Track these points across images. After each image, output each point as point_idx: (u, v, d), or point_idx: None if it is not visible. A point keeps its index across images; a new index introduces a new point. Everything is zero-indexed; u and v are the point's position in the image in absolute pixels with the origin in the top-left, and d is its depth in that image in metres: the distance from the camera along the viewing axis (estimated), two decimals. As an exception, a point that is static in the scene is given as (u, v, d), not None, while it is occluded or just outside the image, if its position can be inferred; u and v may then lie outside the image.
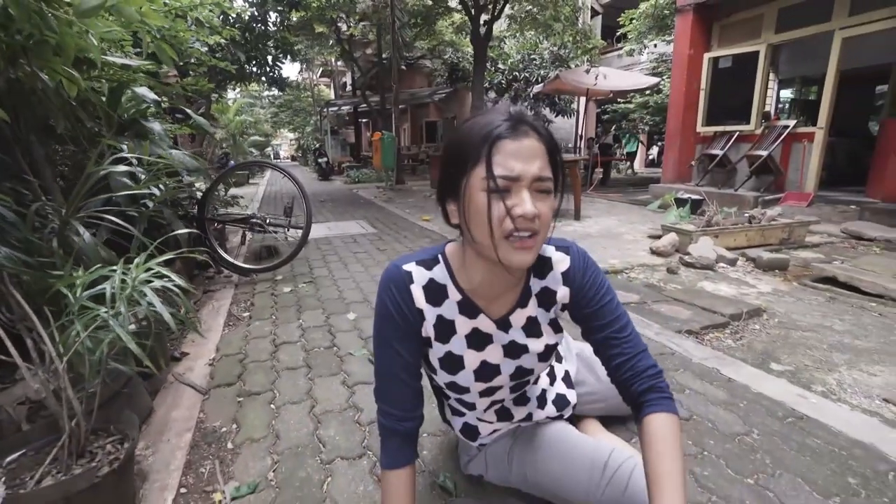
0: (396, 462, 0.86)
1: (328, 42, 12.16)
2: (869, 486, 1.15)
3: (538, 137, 0.72)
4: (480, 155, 0.71)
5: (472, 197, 0.72)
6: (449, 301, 0.86)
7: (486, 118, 0.74)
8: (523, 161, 0.70)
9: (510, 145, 0.70)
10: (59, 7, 1.19)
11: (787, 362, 1.96)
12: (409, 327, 0.86)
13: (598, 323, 0.86)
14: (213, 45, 4.39)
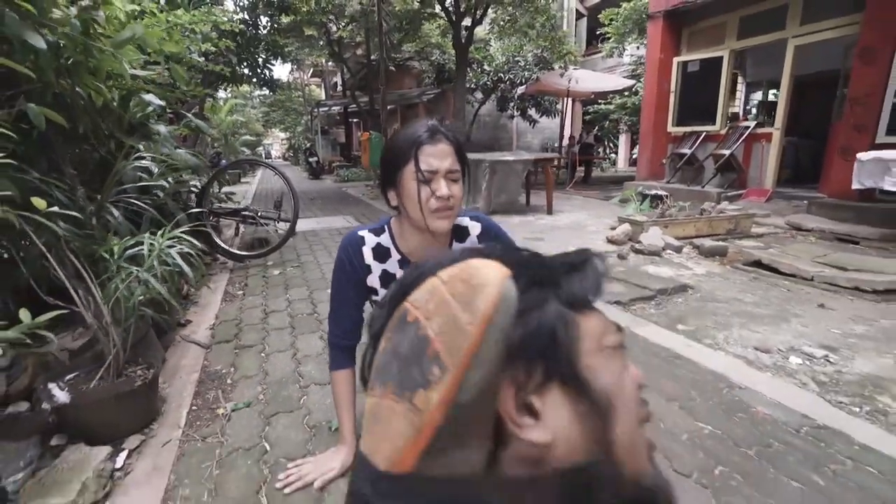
0: (340, 366, 1.25)
1: (318, 44, 12.49)
2: (703, 396, 1.56)
3: (448, 142, 1.10)
4: (410, 156, 1.08)
5: (406, 186, 1.10)
6: (391, 260, 1.23)
7: (412, 129, 1.12)
8: (439, 159, 1.08)
9: (429, 149, 1.07)
10: (97, 39, 1.56)
11: (692, 324, 2.36)
12: (358, 277, 1.23)
13: None
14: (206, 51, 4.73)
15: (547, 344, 0.33)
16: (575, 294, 0.35)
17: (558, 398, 0.33)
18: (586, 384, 0.33)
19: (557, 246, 4.05)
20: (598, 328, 0.36)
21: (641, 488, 0.35)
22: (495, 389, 0.30)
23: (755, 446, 1.30)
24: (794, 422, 1.43)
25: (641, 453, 0.36)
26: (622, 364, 0.36)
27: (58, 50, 1.52)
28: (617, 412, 0.34)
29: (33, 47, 1.34)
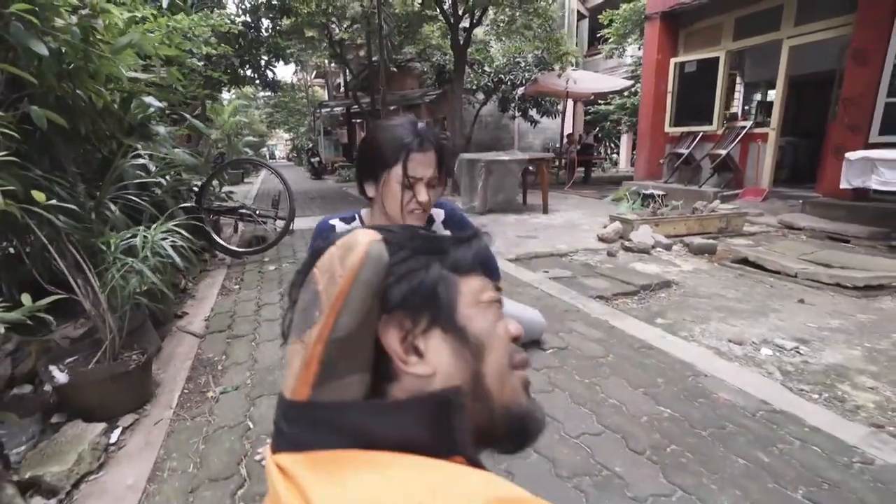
0: None
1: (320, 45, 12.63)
2: (668, 383, 1.64)
3: (434, 149, 1.19)
4: (399, 160, 1.16)
5: (390, 186, 1.18)
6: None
7: (399, 131, 1.19)
8: (424, 168, 1.16)
9: (417, 156, 1.15)
10: (96, 45, 1.66)
11: (671, 318, 2.44)
12: None
13: None
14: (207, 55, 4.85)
15: (429, 297, 0.41)
16: (458, 261, 0.44)
17: (439, 341, 0.41)
18: (462, 330, 0.42)
19: (551, 243, 4.13)
20: (476, 288, 0.44)
21: (513, 414, 0.44)
22: (368, 329, 0.39)
23: (710, 428, 1.38)
24: (751, 406, 1.51)
25: (513, 388, 0.44)
26: (496, 316, 0.45)
27: (60, 56, 1.62)
28: (487, 352, 0.42)
29: (37, 54, 1.44)
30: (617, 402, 1.53)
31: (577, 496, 1.12)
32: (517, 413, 0.44)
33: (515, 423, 0.44)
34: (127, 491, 1.17)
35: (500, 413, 0.42)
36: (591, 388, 1.62)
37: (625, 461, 1.24)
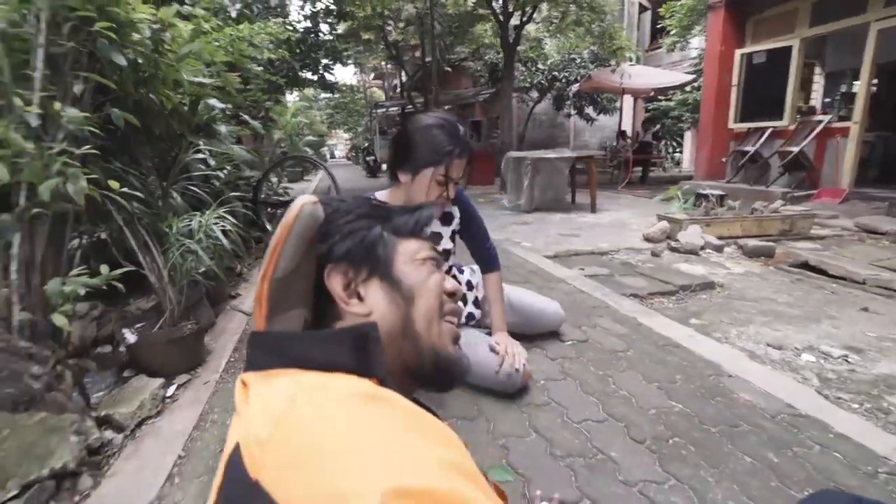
0: None
1: (377, 47, 13.07)
2: (687, 380, 1.61)
3: (468, 154, 1.33)
4: (441, 162, 1.31)
5: (427, 180, 1.33)
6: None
7: (444, 136, 1.33)
8: (458, 171, 1.32)
9: (458, 162, 1.31)
10: (165, 55, 1.91)
11: (707, 319, 2.35)
12: None
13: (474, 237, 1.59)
14: (270, 60, 5.23)
15: (369, 252, 0.51)
16: (399, 226, 0.53)
17: (377, 288, 0.50)
18: (397, 281, 0.51)
19: (591, 241, 4.07)
20: (413, 247, 0.53)
21: (439, 357, 0.52)
22: (303, 272, 0.48)
23: (720, 425, 1.36)
24: (773, 409, 1.46)
25: (441, 333, 0.52)
26: (429, 272, 0.53)
27: (136, 65, 1.87)
28: (417, 300, 0.51)
29: (118, 65, 1.69)
30: (627, 393, 1.53)
31: (567, 474, 1.16)
32: (444, 356, 0.52)
33: (441, 364, 0.52)
34: (176, 434, 1.38)
35: (427, 354, 0.51)
36: (603, 379, 1.63)
37: (623, 448, 1.26)
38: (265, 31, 3.50)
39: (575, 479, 1.14)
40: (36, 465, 1.13)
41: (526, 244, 4.01)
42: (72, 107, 1.52)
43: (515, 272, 3.06)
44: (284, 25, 7.93)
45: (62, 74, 1.56)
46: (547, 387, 1.58)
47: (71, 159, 1.42)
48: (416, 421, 0.37)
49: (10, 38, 1.48)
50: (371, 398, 0.36)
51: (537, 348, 1.87)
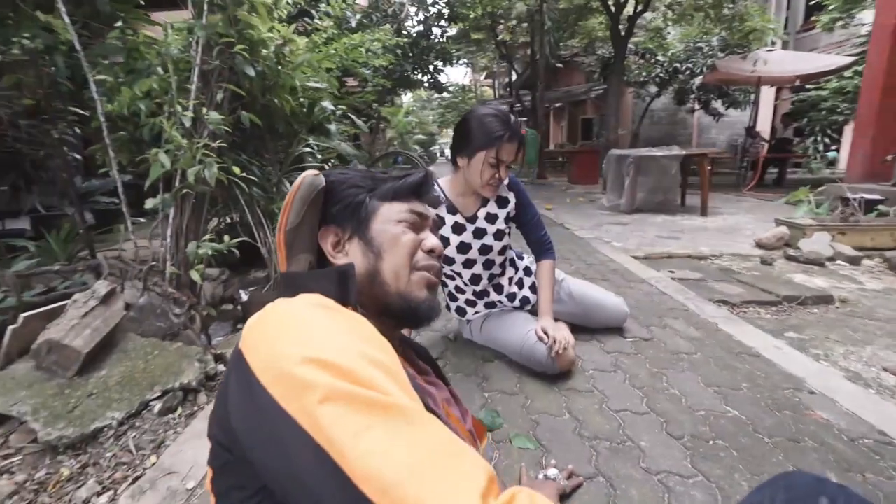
0: None
1: (487, 47, 13.27)
2: (753, 389, 1.49)
3: (517, 139, 1.46)
4: (493, 145, 1.46)
5: (480, 164, 1.48)
6: (441, 205, 1.61)
7: (496, 123, 1.47)
8: (509, 154, 1.47)
9: (507, 146, 1.45)
10: (285, 66, 2.30)
11: (809, 334, 2.09)
12: None
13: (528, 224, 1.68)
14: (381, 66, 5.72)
15: (352, 215, 0.66)
16: (382, 192, 0.67)
17: (356, 244, 0.65)
18: (370, 239, 0.65)
19: (690, 245, 3.77)
20: (394, 210, 0.67)
21: (406, 300, 0.65)
22: (307, 225, 0.65)
23: (778, 437, 1.26)
24: (856, 432, 1.30)
25: (410, 282, 0.65)
26: (401, 231, 0.66)
27: (263, 76, 2.29)
28: (385, 255, 0.64)
29: (248, 75, 2.09)
30: (678, 392, 1.48)
31: (588, 453, 1.19)
32: (411, 300, 0.65)
33: (409, 307, 0.65)
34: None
35: (394, 298, 0.64)
36: (656, 376, 1.59)
37: (655, 440, 1.24)
38: (374, 39, 3.89)
39: (595, 458, 1.17)
40: (172, 378, 1.51)
41: (616, 244, 3.86)
42: (214, 111, 1.94)
43: (595, 270, 3.00)
44: (399, 31, 8.54)
45: (209, 86, 2.00)
46: (594, 376, 1.60)
47: (209, 151, 1.82)
48: (356, 327, 0.50)
49: (177, 61, 1.94)
50: (323, 307, 0.51)
51: (595, 341, 1.87)
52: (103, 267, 1.78)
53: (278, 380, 0.42)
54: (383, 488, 0.35)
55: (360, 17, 7.67)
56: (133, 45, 2.08)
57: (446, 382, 0.80)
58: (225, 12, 2.02)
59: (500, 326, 1.71)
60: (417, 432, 0.40)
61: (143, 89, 1.90)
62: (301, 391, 0.40)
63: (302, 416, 0.39)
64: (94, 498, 1.15)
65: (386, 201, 0.67)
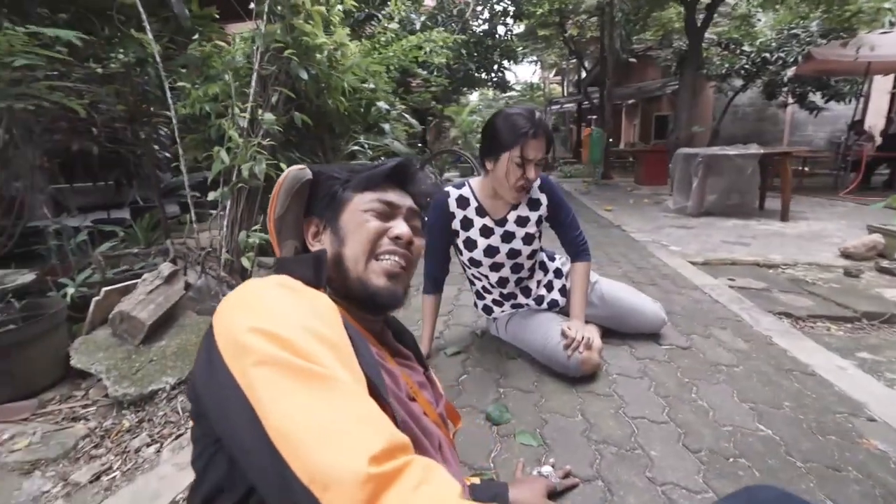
0: (427, 291, 1.72)
1: (555, 43, 12.96)
2: (797, 409, 1.36)
3: (544, 136, 1.44)
4: (517, 143, 1.45)
5: (506, 164, 1.48)
6: (470, 207, 1.62)
7: (519, 120, 1.47)
8: (536, 151, 1.44)
9: (533, 142, 1.43)
10: (336, 69, 2.44)
11: (886, 356, 1.85)
12: (446, 222, 1.64)
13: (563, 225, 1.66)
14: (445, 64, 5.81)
15: (326, 208, 0.72)
16: (353, 184, 0.72)
17: (329, 233, 0.71)
18: (338, 228, 0.70)
19: (760, 252, 3.45)
20: (362, 200, 0.71)
21: (365, 285, 0.69)
22: (292, 214, 0.71)
23: (815, 463, 1.14)
24: (916, 466, 1.15)
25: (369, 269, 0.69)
26: (365, 220, 0.70)
27: (317, 79, 2.45)
28: (347, 242, 0.69)
29: (302, 79, 2.26)
30: (706, 404, 1.39)
31: (592, 456, 1.17)
32: (368, 286, 0.69)
33: (365, 292, 0.69)
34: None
35: (355, 282, 0.69)
36: (685, 386, 1.50)
37: (668, 450, 1.18)
38: (430, 39, 3.98)
39: (598, 462, 1.14)
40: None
41: (674, 248, 3.63)
42: (269, 112, 2.12)
43: (644, 274, 2.86)
44: (464, 30, 8.61)
45: (266, 89, 2.18)
46: (617, 381, 1.54)
47: (261, 149, 2.00)
48: (312, 306, 0.55)
49: (239, 68, 2.14)
50: (284, 286, 0.57)
51: (627, 346, 1.80)
52: (170, 251, 2.02)
53: (228, 344, 0.48)
54: (293, 447, 0.40)
55: (425, 18, 7.85)
56: (206, 55, 2.32)
57: (425, 367, 0.83)
58: (283, 21, 2.20)
59: (525, 325, 1.70)
60: (335, 401, 0.44)
61: (210, 93, 2.12)
62: (242, 354, 0.46)
63: (241, 376, 0.46)
64: (144, 448, 1.32)
65: (358, 192, 0.72)
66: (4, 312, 1.57)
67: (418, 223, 0.78)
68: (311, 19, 2.32)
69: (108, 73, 2.21)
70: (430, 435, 0.69)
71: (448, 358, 1.76)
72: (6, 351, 1.48)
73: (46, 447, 1.30)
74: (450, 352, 1.80)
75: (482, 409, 1.39)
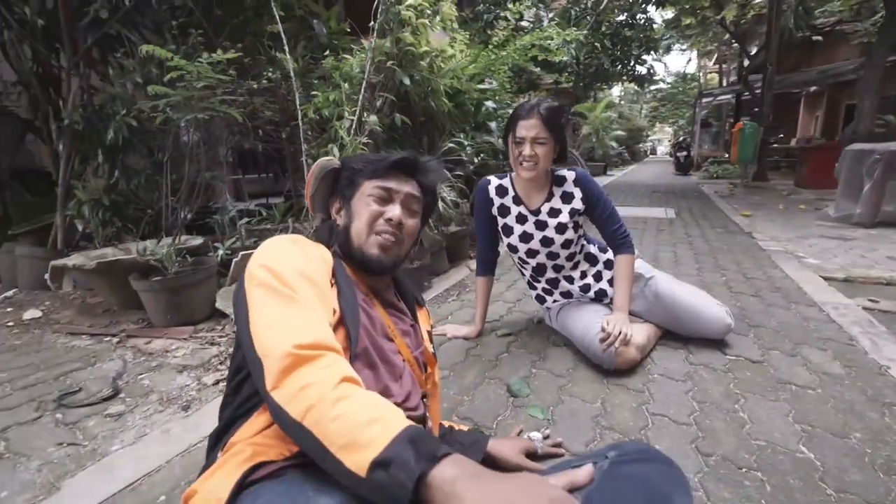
0: (480, 273, 1.87)
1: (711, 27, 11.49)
2: (870, 443, 1.19)
3: (537, 117, 1.53)
4: (513, 127, 1.60)
5: (511, 145, 1.62)
6: (508, 196, 1.74)
7: (518, 108, 1.61)
8: (527, 130, 1.55)
9: (523, 122, 1.55)
10: (436, 74, 2.72)
11: None
12: (486, 206, 1.77)
13: (599, 218, 1.69)
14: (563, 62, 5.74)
15: (345, 190, 0.95)
16: (366, 172, 0.94)
17: (345, 210, 0.95)
18: (350, 207, 0.93)
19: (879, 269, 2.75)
20: (368, 187, 0.93)
21: (362, 252, 0.91)
22: (321, 194, 0.97)
23: (852, 495, 1.01)
24: None
25: (367, 241, 0.91)
26: (367, 204, 0.91)
27: (420, 83, 2.76)
28: (354, 219, 0.91)
29: (405, 84, 2.58)
30: (746, 417, 1.29)
31: (591, 436, 1.21)
32: (365, 254, 0.91)
33: (362, 258, 0.91)
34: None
35: (356, 250, 0.92)
36: (732, 396, 1.40)
37: (674, 447, 1.16)
38: (546, 37, 4.02)
39: (594, 443, 1.19)
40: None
41: (810, 261, 3.10)
42: (374, 115, 2.49)
43: (750, 284, 2.55)
44: (599, 24, 8.26)
45: (372, 94, 2.56)
46: (655, 380, 1.51)
47: (364, 146, 2.37)
48: (307, 253, 0.80)
49: (353, 76, 2.55)
50: (291, 240, 0.82)
51: (686, 350, 1.71)
52: (290, 229, 2.53)
53: (247, 272, 0.76)
54: (257, 333, 0.66)
55: (553, 14, 7.76)
56: (332, 67, 2.80)
57: (415, 319, 1.02)
58: (392, 35, 2.55)
59: (571, 315, 1.75)
60: (293, 311, 0.68)
61: (331, 99, 2.58)
62: (251, 279, 0.73)
63: (248, 292, 0.72)
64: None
65: (367, 179, 0.94)
66: (181, 264, 2.20)
67: (416, 206, 0.98)
68: (417, 31, 2.63)
69: (262, 87, 2.82)
70: (393, 366, 0.88)
71: (497, 338, 1.90)
72: (180, 290, 2.09)
73: (192, 358, 1.83)
74: (500, 333, 1.93)
75: (507, 382, 1.52)
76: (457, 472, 0.48)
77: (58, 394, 1.53)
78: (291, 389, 0.59)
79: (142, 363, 1.78)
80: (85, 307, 2.43)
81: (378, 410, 0.56)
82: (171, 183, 2.65)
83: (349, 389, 0.59)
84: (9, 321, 2.26)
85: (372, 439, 0.52)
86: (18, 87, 3.17)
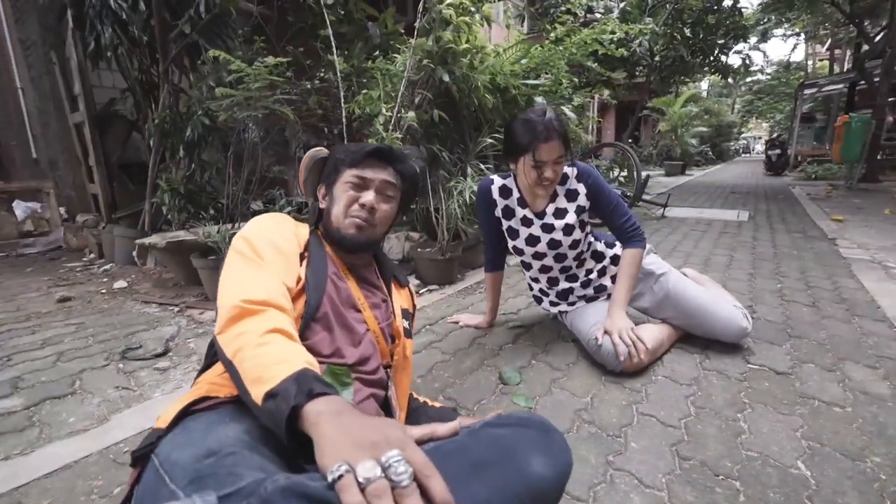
0: (488, 269, 1.88)
1: (820, 7, 10.18)
2: (889, 470, 1.06)
3: (557, 138, 1.48)
4: (528, 150, 1.53)
5: (524, 166, 1.57)
6: (512, 198, 1.71)
7: (532, 125, 1.51)
8: (547, 154, 1.50)
9: (543, 146, 1.49)
10: (474, 70, 2.76)
11: None
12: (489, 208, 1.74)
13: (606, 212, 1.62)
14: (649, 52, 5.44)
15: (329, 176, 1.06)
16: (347, 161, 1.04)
17: (329, 196, 1.05)
18: (332, 193, 1.04)
19: None
20: (347, 175, 1.03)
21: (340, 232, 1.01)
22: (311, 180, 1.09)
23: (846, 517, 0.93)
24: None
25: (342, 224, 1.00)
26: (345, 190, 1.01)
27: (462, 80, 2.82)
28: (334, 203, 1.02)
29: (444, 81, 2.67)
30: (745, 427, 1.20)
31: (568, 427, 1.20)
32: (341, 234, 1.02)
33: (339, 237, 1.01)
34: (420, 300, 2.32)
35: (334, 230, 1.03)
36: (736, 405, 1.30)
37: (650, 447, 1.12)
38: (608, 31, 3.89)
39: (567, 434, 1.19)
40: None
41: (891, 263, 2.71)
42: (412, 111, 2.60)
43: (810, 293, 2.30)
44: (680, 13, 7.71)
45: (412, 91, 2.67)
46: (657, 381, 1.45)
47: (402, 142, 2.49)
48: (282, 227, 0.93)
49: (394, 74, 2.68)
50: (271, 216, 0.96)
51: (702, 355, 1.61)
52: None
53: (232, 241, 0.90)
54: (221, 290, 0.79)
55: (624, 4, 7.36)
56: (380, 66, 2.96)
57: (389, 294, 1.10)
58: (433, 34, 2.64)
59: (580, 316, 1.71)
60: (254, 273, 0.81)
61: (374, 96, 2.73)
62: (232, 247, 0.88)
63: (228, 256, 0.86)
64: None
65: (347, 168, 1.04)
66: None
67: (391, 192, 1.06)
68: (459, 29, 2.70)
69: (315, 87, 3.06)
70: (353, 332, 0.97)
71: (507, 330, 1.92)
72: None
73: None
74: (511, 325, 1.95)
75: (501, 370, 1.54)
76: (323, 408, 0.56)
77: (123, 348, 1.82)
78: (231, 334, 0.71)
79: (192, 329, 2.05)
80: (160, 281, 2.81)
81: (288, 355, 0.66)
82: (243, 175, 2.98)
83: (274, 338, 0.70)
84: (102, 289, 2.69)
85: (273, 376, 0.62)
86: (127, 93, 3.73)
